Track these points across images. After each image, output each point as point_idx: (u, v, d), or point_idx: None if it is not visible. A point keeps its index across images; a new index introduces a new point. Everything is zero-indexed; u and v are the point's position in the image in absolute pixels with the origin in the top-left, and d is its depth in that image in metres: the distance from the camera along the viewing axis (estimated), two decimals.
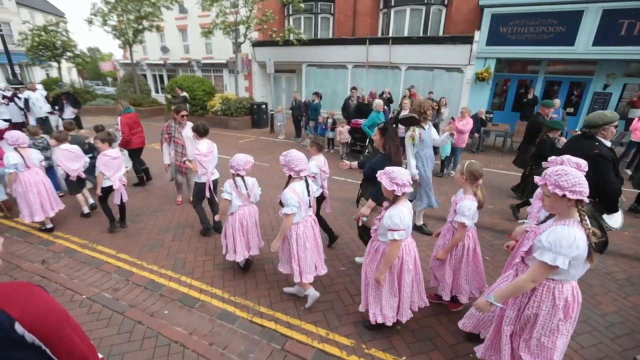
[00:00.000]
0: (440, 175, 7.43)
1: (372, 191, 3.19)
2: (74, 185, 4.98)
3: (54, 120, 9.14)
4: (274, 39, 13.42)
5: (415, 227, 4.56)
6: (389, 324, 2.66)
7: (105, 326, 2.92)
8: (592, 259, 1.75)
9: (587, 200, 1.72)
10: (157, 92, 22.84)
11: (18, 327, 1.07)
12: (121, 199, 4.48)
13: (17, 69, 16.78)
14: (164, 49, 22.08)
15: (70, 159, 4.80)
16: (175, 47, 21.75)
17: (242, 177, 3.31)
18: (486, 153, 9.84)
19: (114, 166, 4.32)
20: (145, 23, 15.21)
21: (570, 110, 11.27)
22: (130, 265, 3.85)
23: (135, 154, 6.33)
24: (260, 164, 8.20)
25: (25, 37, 17.41)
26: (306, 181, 2.94)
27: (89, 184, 5.52)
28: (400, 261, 2.51)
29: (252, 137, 11.73)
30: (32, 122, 8.48)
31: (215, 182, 4.39)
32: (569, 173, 1.72)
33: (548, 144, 4.77)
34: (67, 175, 4.85)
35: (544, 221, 2.01)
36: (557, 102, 8.04)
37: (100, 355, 1.41)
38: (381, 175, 2.43)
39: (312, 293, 3.10)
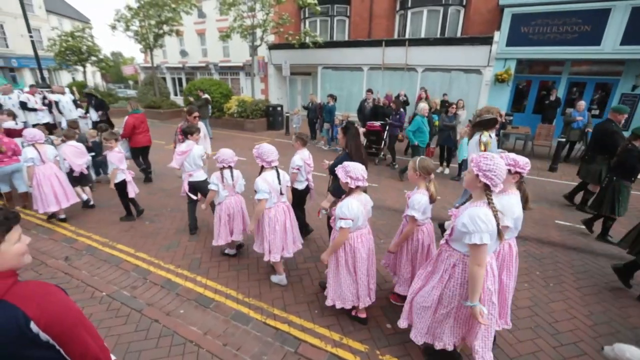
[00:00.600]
0: (457, 179, 7.27)
1: (334, 185, 3.39)
2: (77, 179, 5.27)
3: (83, 122, 9.47)
4: (290, 41, 13.52)
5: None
6: (348, 307, 2.86)
7: (124, 323, 2.98)
8: (501, 236, 2.00)
9: (495, 189, 1.94)
10: (175, 94, 23.41)
11: (33, 326, 1.09)
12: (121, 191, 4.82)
13: (45, 73, 17.56)
14: (183, 53, 22.61)
15: (76, 154, 5.19)
16: (193, 50, 22.25)
17: (230, 169, 3.66)
18: None
19: (120, 160, 4.65)
20: (166, 28, 15.61)
21: (596, 112, 10.83)
22: (148, 264, 3.93)
23: (141, 152, 6.63)
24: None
25: (54, 43, 18.21)
26: (277, 171, 3.26)
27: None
28: (352, 249, 2.70)
29: (267, 139, 11.82)
30: (64, 124, 8.82)
31: (197, 183, 4.41)
32: (492, 160, 1.93)
33: (635, 154, 4.22)
34: (71, 171, 5.16)
35: (464, 204, 2.18)
36: (582, 103, 7.75)
37: (113, 358, 1.43)
38: (338, 169, 2.64)
39: (280, 279, 3.51)
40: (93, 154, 5.78)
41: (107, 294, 3.38)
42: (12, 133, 5.69)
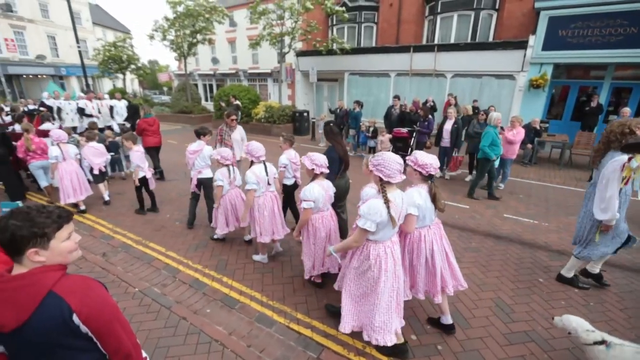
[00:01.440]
0: (485, 189, 6.99)
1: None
2: (97, 176, 5.87)
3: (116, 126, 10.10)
4: (317, 48, 13.70)
5: (592, 276, 3.70)
6: (306, 276, 3.42)
7: (154, 319, 3.11)
8: (393, 223, 2.29)
9: (392, 180, 2.25)
10: (206, 100, 24.33)
11: (75, 318, 1.16)
12: (146, 185, 5.38)
13: (89, 81, 18.90)
14: (214, 60, 23.51)
15: (95, 154, 5.81)
16: (224, 58, 23.08)
17: (232, 166, 4.24)
18: (540, 166, 9.11)
19: (139, 159, 5.17)
20: (199, 37, 16.33)
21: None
22: (178, 263, 4.08)
23: (150, 151, 7.06)
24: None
25: (98, 52, 19.56)
26: (264, 164, 3.77)
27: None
28: (314, 228, 3.18)
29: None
30: (115, 127, 9.43)
31: (204, 180, 4.81)
32: (382, 156, 2.30)
33: None
34: (91, 168, 5.78)
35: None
36: (627, 110, 7.24)
37: (144, 354, 1.49)
38: (304, 159, 3.18)
39: (262, 258, 4.09)
40: (112, 153, 6.64)
41: (139, 290, 3.54)
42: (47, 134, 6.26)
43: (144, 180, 5.26)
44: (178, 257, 4.20)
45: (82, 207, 5.54)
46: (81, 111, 9.09)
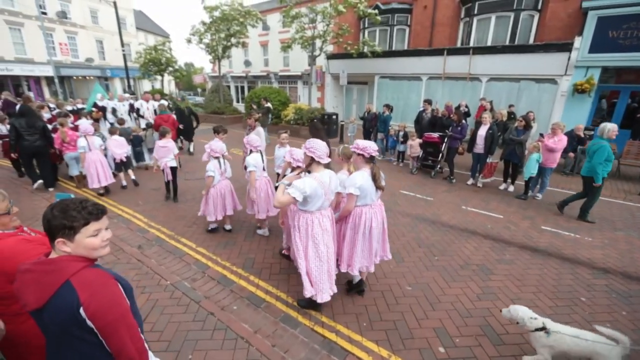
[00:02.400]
0: (523, 198, 6.65)
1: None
2: (118, 165, 6.70)
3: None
4: (348, 51, 13.68)
5: None
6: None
7: (184, 312, 3.22)
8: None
9: (322, 160, 2.78)
10: (237, 101, 25.03)
11: (82, 312, 1.19)
12: (172, 176, 5.97)
13: (131, 82, 20.09)
14: (247, 63, 24.15)
15: (117, 146, 6.61)
16: (256, 60, 23.65)
17: (223, 158, 4.69)
18: None
19: (163, 153, 5.74)
20: (233, 40, 16.84)
21: None
22: (207, 259, 4.21)
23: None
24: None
25: (140, 55, 20.71)
26: (261, 154, 4.49)
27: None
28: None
29: None
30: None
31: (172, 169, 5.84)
32: (314, 141, 2.82)
33: None
34: (114, 158, 6.59)
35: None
36: None
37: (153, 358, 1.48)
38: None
39: (264, 231, 4.84)
40: (138, 148, 7.82)
41: (171, 283, 3.69)
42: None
43: (173, 169, 5.94)
44: (207, 254, 4.34)
45: (101, 192, 6.34)
46: (137, 111, 9.66)
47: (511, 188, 7.21)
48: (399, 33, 14.97)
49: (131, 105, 10.40)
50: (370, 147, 2.98)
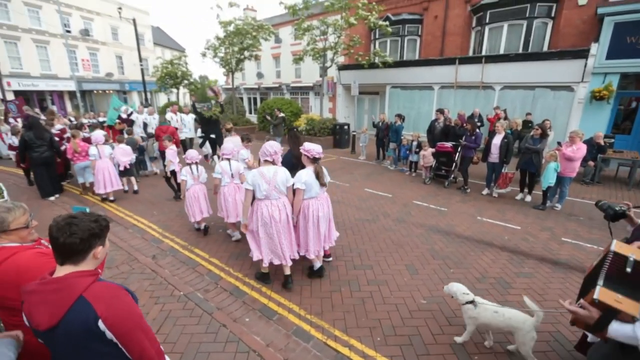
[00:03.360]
0: (541, 208, 6.45)
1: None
2: (122, 172, 7.09)
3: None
4: (359, 62, 13.79)
5: None
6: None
7: (196, 323, 3.22)
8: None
9: (265, 157, 3.48)
10: (250, 113, 25.44)
11: (100, 324, 1.21)
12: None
13: (148, 95, 20.76)
14: (259, 75, 24.63)
15: (122, 154, 7.07)
16: (268, 72, 24.10)
17: (197, 164, 5.11)
18: (604, 185, 8.23)
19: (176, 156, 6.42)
20: (246, 53, 17.24)
21: None
22: (220, 270, 4.22)
23: (162, 153, 7.67)
24: (341, 184, 8.29)
25: (157, 70, 21.40)
26: (229, 161, 4.75)
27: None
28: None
29: (333, 156, 12.04)
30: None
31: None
32: (266, 145, 3.48)
33: None
34: (118, 165, 7.02)
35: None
36: None
37: None
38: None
39: (235, 234, 5.02)
40: (141, 157, 8.30)
41: (184, 293, 3.70)
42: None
43: (173, 173, 6.47)
44: (220, 264, 4.35)
45: (112, 198, 6.76)
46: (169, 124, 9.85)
47: (528, 198, 7.02)
48: (410, 43, 15.03)
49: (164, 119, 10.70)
50: (315, 149, 3.57)
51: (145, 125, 10.08)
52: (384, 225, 5.69)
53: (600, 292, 1.45)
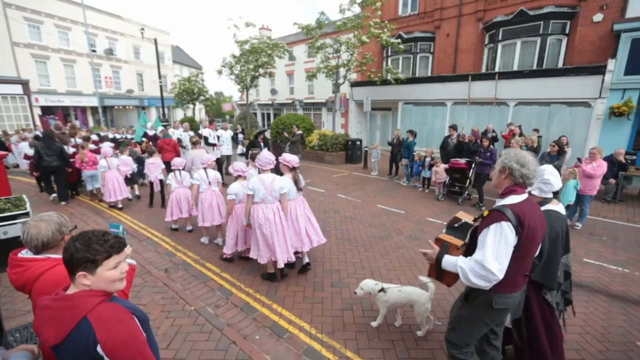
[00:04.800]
0: None
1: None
2: (127, 180, 7.60)
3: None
4: (372, 79, 13.95)
5: None
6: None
7: (206, 340, 3.19)
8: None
9: (265, 168, 4.01)
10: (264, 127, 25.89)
11: (99, 349, 1.18)
12: (160, 187, 7.33)
13: (165, 110, 21.45)
14: (273, 91, 25.17)
15: (123, 164, 7.59)
16: (282, 89, 24.61)
17: (180, 171, 5.83)
18: (627, 203, 7.92)
19: (153, 169, 7.20)
20: (261, 70, 17.71)
21: None
22: (230, 285, 4.21)
23: (167, 165, 7.75)
24: (353, 199, 8.25)
25: (175, 86, 22.19)
26: (205, 170, 5.29)
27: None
28: (235, 215, 4.63)
29: (346, 172, 12.04)
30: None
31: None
32: (259, 155, 4.09)
33: None
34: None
35: None
36: None
37: None
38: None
39: (205, 239, 5.53)
40: (141, 167, 8.82)
41: (195, 308, 3.69)
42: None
43: (150, 184, 7.29)
44: (231, 279, 4.34)
45: (120, 206, 7.34)
46: (205, 140, 9.52)
47: None
48: (422, 60, 15.14)
49: (198, 134, 10.65)
50: (293, 160, 4.23)
51: (179, 141, 10.04)
52: (396, 242, 5.59)
53: (442, 235, 2.18)
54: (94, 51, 23.03)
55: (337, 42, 13.32)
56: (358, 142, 13.96)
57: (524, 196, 1.94)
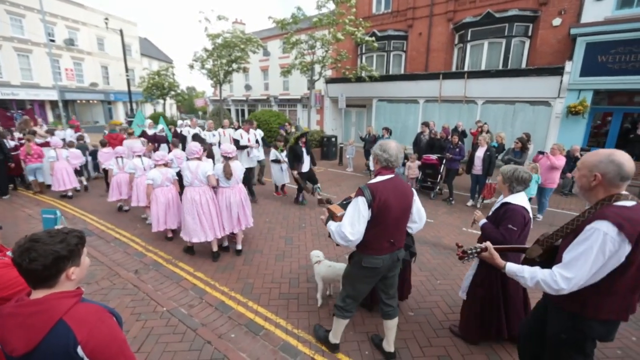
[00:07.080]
0: None
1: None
2: (76, 172, 7.96)
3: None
4: (346, 76, 14.04)
5: None
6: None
7: (180, 341, 3.11)
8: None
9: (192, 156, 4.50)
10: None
11: (79, 350, 1.15)
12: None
13: (133, 106, 20.47)
14: (247, 87, 24.73)
15: (73, 157, 7.87)
16: (256, 84, 24.23)
17: (122, 158, 6.48)
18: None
19: (105, 158, 7.76)
20: (235, 65, 17.32)
21: None
22: (205, 284, 4.12)
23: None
24: (329, 195, 8.30)
25: (143, 80, 21.23)
26: (141, 157, 6.06)
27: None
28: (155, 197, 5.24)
29: (321, 168, 12.08)
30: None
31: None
32: (191, 146, 4.54)
33: None
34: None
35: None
36: None
37: None
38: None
39: (144, 216, 6.21)
40: (92, 157, 9.43)
41: (167, 309, 3.58)
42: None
43: (105, 171, 7.52)
44: (205, 278, 4.25)
45: (70, 194, 7.76)
46: (236, 142, 7.88)
47: None
48: (396, 58, 15.44)
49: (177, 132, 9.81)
50: (230, 151, 4.60)
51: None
52: None
53: (332, 206, 2.72)
54: (52, 41, 21.54)
55: (312, 39, 13.27)
56: (333, 139, 14.04)
57: (389, 176, 2.41)
